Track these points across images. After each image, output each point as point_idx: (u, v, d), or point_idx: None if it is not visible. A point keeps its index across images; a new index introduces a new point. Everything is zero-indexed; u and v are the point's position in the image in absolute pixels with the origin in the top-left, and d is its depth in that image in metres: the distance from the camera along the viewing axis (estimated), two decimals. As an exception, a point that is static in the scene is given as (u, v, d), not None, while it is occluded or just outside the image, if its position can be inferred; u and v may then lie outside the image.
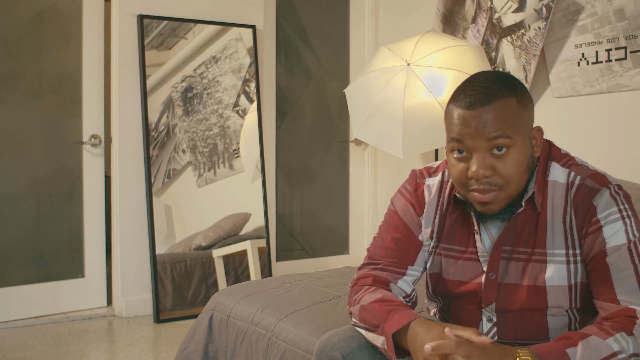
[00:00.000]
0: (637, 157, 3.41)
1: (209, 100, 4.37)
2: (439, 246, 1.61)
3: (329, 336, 1.53)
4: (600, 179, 1.49)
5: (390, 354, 1.41)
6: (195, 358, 2.41)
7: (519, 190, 1.48)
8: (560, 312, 1.51)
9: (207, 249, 4.33)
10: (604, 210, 1.45)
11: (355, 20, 5.05)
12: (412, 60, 3.72)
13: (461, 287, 1.58)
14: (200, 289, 4.28)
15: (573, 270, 1.48)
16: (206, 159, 4.36)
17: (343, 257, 5.09)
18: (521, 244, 1.52)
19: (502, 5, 3.84)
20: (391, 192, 4.94)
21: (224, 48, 4.44)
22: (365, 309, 1.49)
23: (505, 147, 1.43)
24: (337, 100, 5.07)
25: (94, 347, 3.49)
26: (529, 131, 1.48)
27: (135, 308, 4.10)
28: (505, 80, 1.48)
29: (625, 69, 3.38)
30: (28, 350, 3.39)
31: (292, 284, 2.50)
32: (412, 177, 1.69)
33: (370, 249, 1.68)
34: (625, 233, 1.43)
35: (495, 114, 1.42)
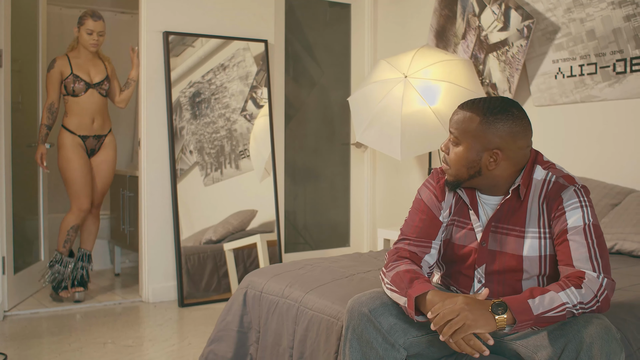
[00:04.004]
0: (606, 158, 3.87)
1: (217, 105, 4.73)
2: (453, 219, 2.12)
3: (358, 296, 2.02)
4: (569, 179, 2.00)
5: (410, 310, 1.90)
6: (232, 327, 2.88)
7: (460, 177, 2.02)
8: (531, 278, 2.01)
9: (217, 242, 4.71)
10: (568, 200, 1.95)
11: (356, 34, 5.50)
12: (409, 73, 4.16)
13: (462, 250, 2.09)
14: (213, 279, 4.67)
15: (543, 244, 1.98)
16: (213, 159, 4.71)
17: (344, 249, 5.55)
18: (508, 222, 2.02)
19: (488, 24, 4.31)
20: (388, 190, 5.41)
21: (232, 57, 4.82)
22: (399, 275, 1.98)
23: (454, 143, 2.01)
24: (339, 107, 5.53)
25: (130, 326, 3.95)
26: (485, 147, 1.97)
27: (160, 294, 4.56)
28: (490, 103, 1.99)
29: (595, 82, 3.86)
30: (73, 331, 3.86)
31: (312, 266, 2.97)
32: (434, 174, 2.19)
33: (403, 228, 2.19)
34: (582, 218, 1.93)
35: (458, 118, 2.00)
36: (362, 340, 1.96)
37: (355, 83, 5.50)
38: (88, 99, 4.39)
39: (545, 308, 1.78)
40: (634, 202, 3.37)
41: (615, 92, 3.77)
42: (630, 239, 3.16)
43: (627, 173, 3.74)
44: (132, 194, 5.02)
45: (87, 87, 4.38)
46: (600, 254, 1.89)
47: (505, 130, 1.96)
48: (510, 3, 4.13)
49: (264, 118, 4.92)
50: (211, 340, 2.93)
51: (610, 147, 3.86)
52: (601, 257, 1.89)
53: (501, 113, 1.96)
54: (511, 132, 1.96)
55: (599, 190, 3.58)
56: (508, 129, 1.96)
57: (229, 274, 4.74)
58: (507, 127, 1.96)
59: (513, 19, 4.12)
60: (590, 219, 1.93)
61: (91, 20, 4.36)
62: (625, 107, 3.77)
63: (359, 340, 1.96)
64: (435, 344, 2.01)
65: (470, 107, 2.01)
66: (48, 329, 3.87)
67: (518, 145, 1.98)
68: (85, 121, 4.40)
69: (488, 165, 1.99)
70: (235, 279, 4.72)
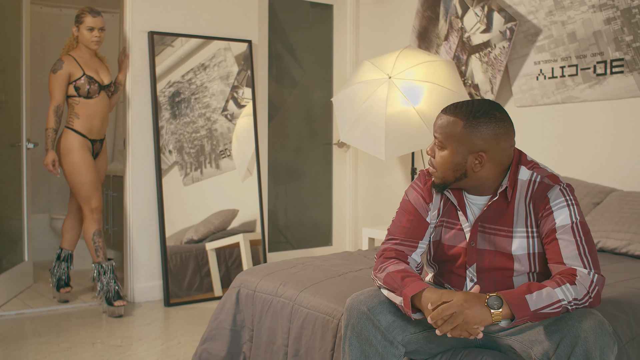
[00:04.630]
0: (587, 158, 3.96)
1: (197, 105, 4.74)
2: (442, 220, 2.16)
3: (356, 295, 2.06)
4: (554, 179, 2.05)
5: (407, 309, 1.94)
6: (225, 326, 2.91)
7: (446, 179, 2.06)
8: (522, 274, 2.06)
9: (198, 242, 4.72)
10: (554, 200, 2.00)
11: (338, 34, 5.55)
12: (393, 74, 4.21)
13: (451, 250, 2.14)
14: (195, 278, 4.67)
15: (531, 243, 2.03)
16: (193, 159, 4.71)
17: (327, 248, 5.60)
18: (496, 223, 2.07)
19: (471, 26, 4.38)
20: (370, 189, 5.46)
21: (213, 56, 4.83)
22: (390, 276, 2.02)
23: (439, 147, 2.04)
24: (321, 107, 5.58)
25: (118, 326, 3.95)
26: (470, 150, 2.01)
27: (145, 294, 4.56)
28: (473, 107, 2.03)
29: (576, 84, 3.95)
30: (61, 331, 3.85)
31: (304, 265, 3.00)
32: (421, 176, 2.22)
33: (390, 228, 2.23)
34: (570, 217, 1.98)
35: (442, 122, 2.03)
36: (362, 338, 2.00)
37: (338, 83, 5.55)
38: (99, 101, 4.28)
39: (543, 304, 1.83)
40: (615, 201, 3.46)
41: (596, 94, 3.86)
42: (613, 237, 3.25)
43: (607, 172, 3.83)
44: (115, 193, 5.02)
45: (100, 88, 4.28)
46: (589, 250, 1.95)
47: (488, 133, 1.99)
48: (493, 5, 4.20)
49: (247, 118, 4.94)
50: (204, 339, 2.95)
51: (590, 147, 3.95)
52: (590, 253, 1.95)
53: (484, 116, 2.00)
54: (495, 135, 2.00)
55: (580, 189, 3.66)
56: (491, 132, 2.00)
57: (211, 273, 4.75)
58: (491, 130, 1.99)
59: (496, 21, 4.19)
60: (577, 217, 1.99)
61: (90, 17, 4.24)
62: (605, 108, 3.86)
63: (359, 338, 2.00)
64: (432, 340, 2.06)
65: (453, 111, 2.04)
66: (35, 330, 3.86)
67: (502, 146, 2.02)
68: (97, 124, 4.29)
69: (474, 168, 2.03)
70: (217, 278, 4.73)
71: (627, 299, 2.39)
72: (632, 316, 2.27)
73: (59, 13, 6.11)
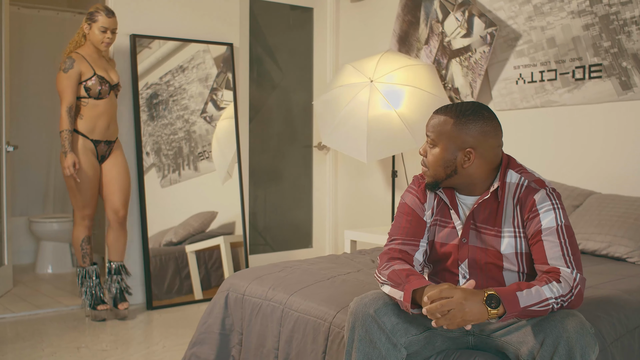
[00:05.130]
0: (565, 161, 4.04)
1: (175, 107, 4.73)
2: (436, 219, 2.25)
3: (360, 298, 2.10)
4: (540, 183, 2.13)
5: (406, 303, 1.99)
6: (214, 329, 2.92)
7: (438, 177, 2.16)
8: (512, 272, 2.14)
9: (177, 244, 4.71)
10: (540, 203, 2.08)
11: (318, 38, 5.57)
12: (375, 78, 4.26)
13: (444, 248, 2.22)
14: (175, 281, 4.67)
15: (519, 242, 2.12)
16: (171, 161, 4.70)
17: (307, 250, 5.62)
18: (486, 222, 2.15)
19: (452, 30, 4.44)
20: (350, 192, 5.50)
21: (192, 58, 4.83)
22: (395, 272, 2.09)
23: (431, 145, 2.14)
24: (301, 110, 5.60)
25: (101, 330, 3.94)
26: (459, 147, 2.11)
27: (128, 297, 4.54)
28: (462, 107, 2.14)
29: (555, 88, 4.02)
30: (44, 336, 3.83)
31: (292, 268, 3.03)
32: (415, 180, 2.32)
33: (391, 231, 2.30)
34: (555, 219, 2.06)
35: (434, 122, 2.15)
36: (367, 340, 2.04)
37: (318, 86, 5.58)
38: (108, 102, 4.12)
39: (532, 301, 1.90)
40: (595, 204, 3.53)
41: (574, 98, 3.93)
42: (593, 239, 3.32)
43: (585, 175, 3.91)
44: (96, 196, 4.99)
45: (110, 89, 4.13)
46: (572, 252, 2.03)
47: (477, 130, 2.10)
48: (473, 10, 4.26)
49: (227, 120, 4.94)
50: (193, 343, 2.96)
51: (569, 150, 4.03)
52: (573, 254, 2.03)
53: (472, 115, 2.11)
54: (482, 132, 2.11)
55: (560, 192, 3.73)
56: (479, 129, 2.10)
57: (191, 275, 4.75)
58: (479, 127, 2.10)
59: (476, 26, 4.25)
60: (563, 220, 2.07)
61: (105, 17, 4.05)
62: (584, 112, 3.94)
63: (364, 340, 2.04)
64: (430, 342, 2.11)
65: (444, 111, 2.15)
66: (18, 334, 3.84)
67: (489, 144, 2.12)
68: (102, 125, 4.11)
69: (463, 164, 2.12)
70: (197, 280, 4.73)
71: (611, 301, 2.46)
72: (616, 317, 2.33)
73: (37, 14, 6.05)
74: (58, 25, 6.15)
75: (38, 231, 5.60)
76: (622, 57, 3.69)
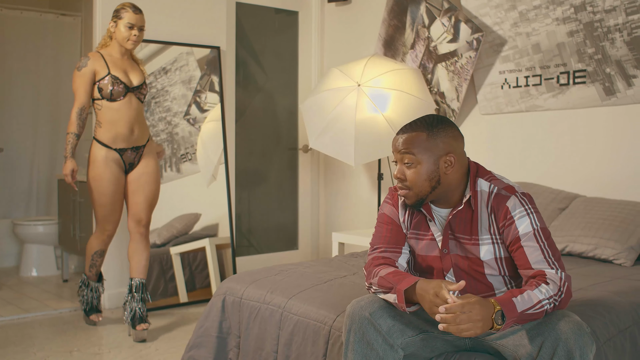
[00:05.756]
0: (550, 165, 4.12)
1: (157, 109, 4.72)
2: (411, 232, 2.30)
3: (357, 301, 2.14)
4: (510, 189, 2.18)
5: (400, 304, 2.04)
6: (211, 332, 2.95)
7: (423, 193, 2.17)
8: (495, 274, 2.20)
9: (161, 246, 4.71)
10: (514, 209, 2.14)
11: (303, 41, 5.61)
12: (362, 82, 4.31)
13: (427, 260, 2.27)
14: (159, 283, 4.67)
15: (497, 248, 2.18)
16: None
17: (292, 252, 5.66)
18: (463, 232, 2.20)
19: (438, 35, 4.51)
20: (335, 194, 5.55)
21: (175, 60, 4.82)
22: (383, 278, 2.13)
23: (409, 164, 2.15)
24: (287, 112, 5.64)
25: (92, 334, 3.94)
26: (438, 155, 2.15)
27: (116, 300, 4.56)
28: (426, 119, 2.18)
29: (540, 93, 4.10)
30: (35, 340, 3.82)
31: (288, 272, 3.07)
32: (390, 191, 2.37)
33: (372, 241, 2.34)
34: (531, 224, 2.12)
35: (405, 139, 2.16)
36: (364, 342, 2.09)
37: (303, 89, 5.61)
38: (125, 105, 3.84)
39: (527, 305, 1.96)
40: (581, 207, 3.62)
41: (559, 103, 4.02)
42: (580, 241, 3.40)
43: (570, 179, 3.99)
44: (82, 199, 4.98)
45: (126, 90, 3.84)
46: (552, 253, 2.10)
47: (448, 136, 2.16)
48: (460, 16, 4.33)
49: (213, 123, 4.95)
50: (190, 347, 2.99)
51: (553, 154, 4.11)
52: (554, 255, 2.10)
53: (440, 123, 2.17)
54: (453, 136, 2.18)
55: (546, 195, 3.82)
56: (450, 134, 2.17)
57: (176, 277, 4.76)
58: (449, 133, 2.17)
59: (463, 31, 4.32)
60: (538, 224, 2.13)
61: (132, 13, 3.81)
62: (568, 116, 4.02)
63: (361, 342, 2.09)
64: (427, 344, 2.16)
65: (412, 127, 2.18)
66: (8, 339, 3.83)
67: (460, 147, 2.20)
68: (123, 131, 3.84)
69: (446, 171, 2.16)
70: (182, 282, 4.74)
71: (602, 302, 2.53)
72: (608, 318, 2.40)
73: (20, 16, 6.01)
74: (41, 26, 6.12)
75: (22, 234, 5.56)
76: (606, 63, 3.78)
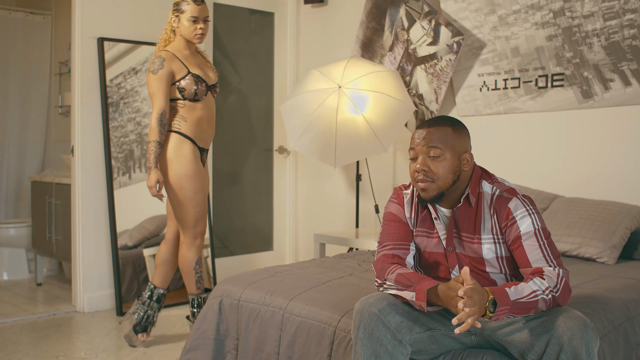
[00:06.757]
0: (528, 166, 4.21)
1: (126, 109, 4.68)
2: (417, 230, 2.38)
3: (365, 299, 2.19)
4: (511, 192, 2.28)
5: (421, 302, 2.09)
6: (209, 335, 2.95)
7: (446, 186, 2.25)
8: (497, 272, 2.29)
9: (133, 248, 4.67)
10: (516, 210, 2.23)
11: (279, 42, 5.63)
12: (343, 84, 4.34)
13: (432, 257, 2.35)
14: (133, 285, 4.63)
15: (498, 248, 2.27)
16: (121, 164, 4.65)
17: (268, 253, 5.67)
18: (467, 231, 2.30)
19: (418, 38, 4.57)
20: (311, 195, 5.58)
21: (145, 60, 4.77)
22: (403, 276, 2.19)
23: (437, 157, 2.23)
24: (262, 114, 5.64)
25: (76, 338, 3.90)
26: (460, 152, 2.26)
27: (95, 304, 4.51)
28: (447, 117, 2.31)
29: (518, 95, 4.20)
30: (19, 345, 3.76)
31: (283, 273, 3.08)
32: (395, 191, 2.47)
33: (380, 238, 2.41)
34: (532, 224, 2.21)
35: (434, 133, 2.24)
36: (373, 338, 2.14)
37: (278, 90, 5.63)
38: (207, 104, 3.65)
39: (520, 295, 2.05)
40: (562, 207, 3.72)
41: (537, 105, 4.12)
42: (564, 240, 3.50)
43: (548, 180, 4.10)
44: (58, 201, 4.91)
45: (207, 89, 3.66)
46: (551, 252, 2.19)
47: (467, 135, 2.31)
48: (440, 20, 4.40)
49: (188, 124, 4.92)
50: (187, 349, 2.98)
51: (531, 155, 4.21)
52: (552, 253, 2.19)
53: (459, 123, 2.31)
54: (468, 136, 2.32)
55: (527, 195, 3.91)
56: (467, 134, 2.31)
57: (149, 279, 4.72)
58: (466, 133, 2.31)
59: (443, 34, 4.39)
60: (539, 224, 2.23)
61: (193, 5, 3.56)
62: (546, 119, 4.13)
63: (370, 338, 2.14)
64: (434, 341, 2.22)
65: (437, 122, 2.28)
66: (-9, 344, 3.77)
67: (470, 147, 2.33)
68: (207, 131, 3.68)
69: (463, 167, 2.28)
70: (156, 284, 4.71)
71: (595, 299, 2.62)
72: (603, 314, 2.49)
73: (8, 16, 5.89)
74: (11, 25, 5.99)
75: (3, 237, 5.45)
76: (584, 67, 3.89)
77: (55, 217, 4.98)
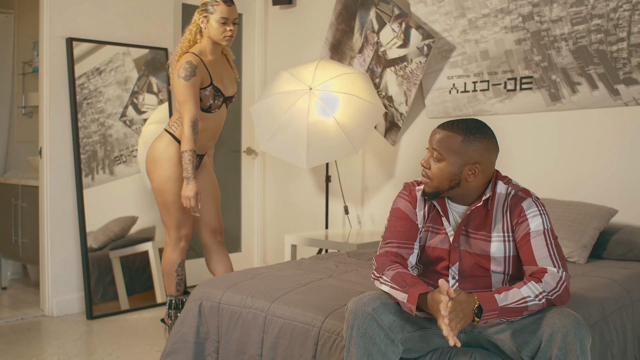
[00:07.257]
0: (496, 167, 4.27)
1: (89, 110, 4.62)
2: (427, 225, 2.41)
3: (359, 298, 2.22)
4: (526, 192, 2.34)
5: (410, 305, 2.12)
6: (189, 338, 2.94)
7: (440, 188, 2.31)
8: (499, 273, 2.33)
9: (98, 250, 4.62)
10: (528, 209, 2.29)
11: (247, 43, 5.62)
12: (314, 85, 4.36)
13: (436, 253, 2.39)
14: (99, 287, 4.58)
15: (507, 246, 2.31)
16: (84, 165, 4.59)
17: (236, 254, 5.65)
18: (477, 228, 2.34)
19: (388, 41, 4.61)
20: (279, 197, 5.58)
21: (110, 61, 4.72)
22: (400, 275, 2.21)
23: (437, 159, 2.28)
24: (230, 115, 5.62)
25: (48, 342, 3.84)
26: (465, 162, 2.28)
27: (64, 307, 4.44)
28: (468, 124, 2.29)
29: (487, 98, 4.27)
30: (-14, 349, 3.70)
31: (262, 276, 3.09)
32: (406, 186, 2.48)
33: (385, 234, 2.44)
34: (542, 223, 2.27)
35: (441, 137, 2.28)
36: (366, 337, 2.16)
37: (246, 91, 5.62)
38: (218, 115, 3.64)
39: (508, 301, 2.09)
40: (532, 207, 3.79)
41: (506, 107, 4.20)
42: (535, 240, 3.57)
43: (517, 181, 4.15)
44: (25, 204, 4.83)
45: (223, 101, 3.65)
46: (557, 252, 2.24)
47: (482, 147, 2.28)
48: (411, 22, 4.45)
49: (155, 125, 4.88)
50: (167, 353, 2.96)
51: (500, 157, 4.17)
52: (558, 254, 2.24)
53: (479, 132, 2.28)
54: (487, 149, 2.30)
55: (497, 196, 3.98)
56: (485, 146, 2.29)
57: (115, 281, 4.67)
58: (484, 144, 2.29)
59: (413, 37, 4.44)
60: (548, 225, 2.28)
61: (224, 6, 3.50)
62: (514, 121, 4.21)
63: (364, 337, 2.16)
64: (424, 340, 2.26)
65: (451, 127, 2.29)
66: (-41, 350, 3.69)
67: (491, 159, 2.32)
68: (203, 140, 3.63)
69: (467, 178, 2.30)
70: (122, 286, 4.67)
71: (573, 298, 2.68)
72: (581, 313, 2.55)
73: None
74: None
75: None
76: (552, 70, 3.98)
77: (21, 219, 4.89)
